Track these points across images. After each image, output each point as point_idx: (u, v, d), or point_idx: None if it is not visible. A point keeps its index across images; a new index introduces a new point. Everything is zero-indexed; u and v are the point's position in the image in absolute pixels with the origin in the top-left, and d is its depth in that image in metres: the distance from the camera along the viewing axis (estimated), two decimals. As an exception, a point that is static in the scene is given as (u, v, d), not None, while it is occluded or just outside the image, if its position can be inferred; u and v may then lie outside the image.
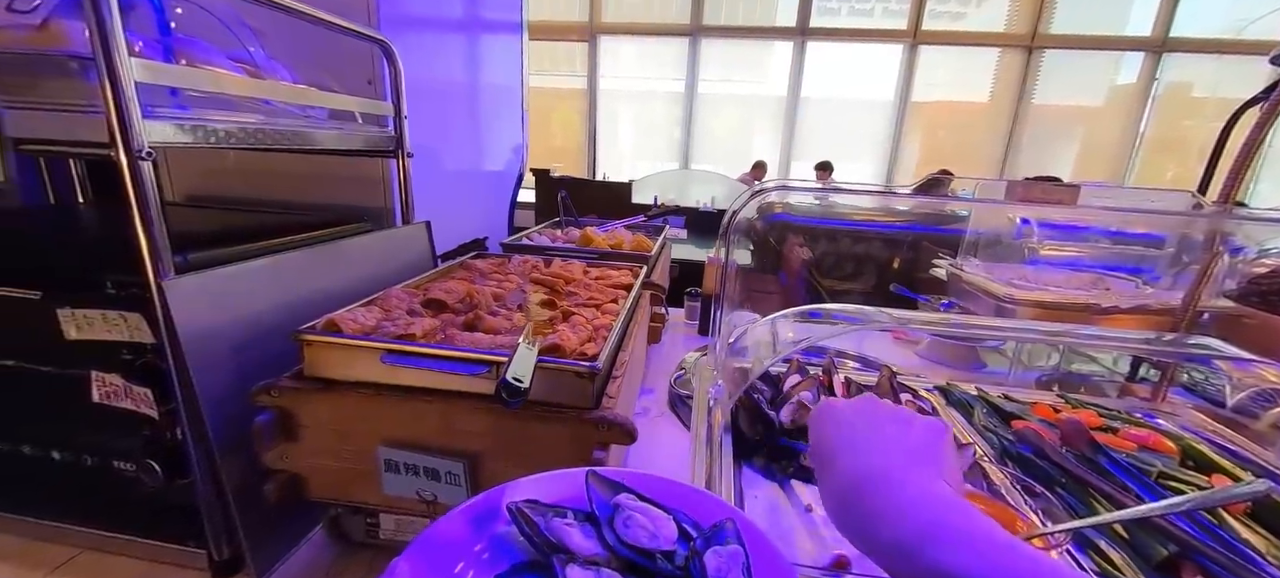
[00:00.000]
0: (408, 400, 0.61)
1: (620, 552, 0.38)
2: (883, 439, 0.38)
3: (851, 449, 0.38)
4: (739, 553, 0.38)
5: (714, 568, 0.36)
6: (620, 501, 0.42)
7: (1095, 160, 5.25)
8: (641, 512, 0.40)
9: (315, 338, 0.62)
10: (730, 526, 0.40)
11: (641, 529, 0.39)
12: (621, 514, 0.40)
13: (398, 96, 0.93)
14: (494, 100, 1.58)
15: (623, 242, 1.27)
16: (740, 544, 0.38)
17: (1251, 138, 0.77)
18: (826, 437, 0.41)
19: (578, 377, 0.60)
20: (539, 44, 5.31)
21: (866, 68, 5.19)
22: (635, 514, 0.40)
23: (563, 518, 0.40)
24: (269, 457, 0.64)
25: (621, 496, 0.42)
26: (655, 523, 0.40)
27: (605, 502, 0.42)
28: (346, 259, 0.86)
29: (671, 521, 0.40)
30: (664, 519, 0.40)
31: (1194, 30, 4.76)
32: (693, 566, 0.37)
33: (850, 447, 0.38)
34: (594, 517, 0.41)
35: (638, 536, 0.39)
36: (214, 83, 0.63)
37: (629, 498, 0.42)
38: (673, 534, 0.39)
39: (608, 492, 0.43)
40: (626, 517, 0.40)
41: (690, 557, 0.38)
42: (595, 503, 0.42)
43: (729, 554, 0.37)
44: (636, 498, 0.42)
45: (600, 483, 0.44)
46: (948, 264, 1.20)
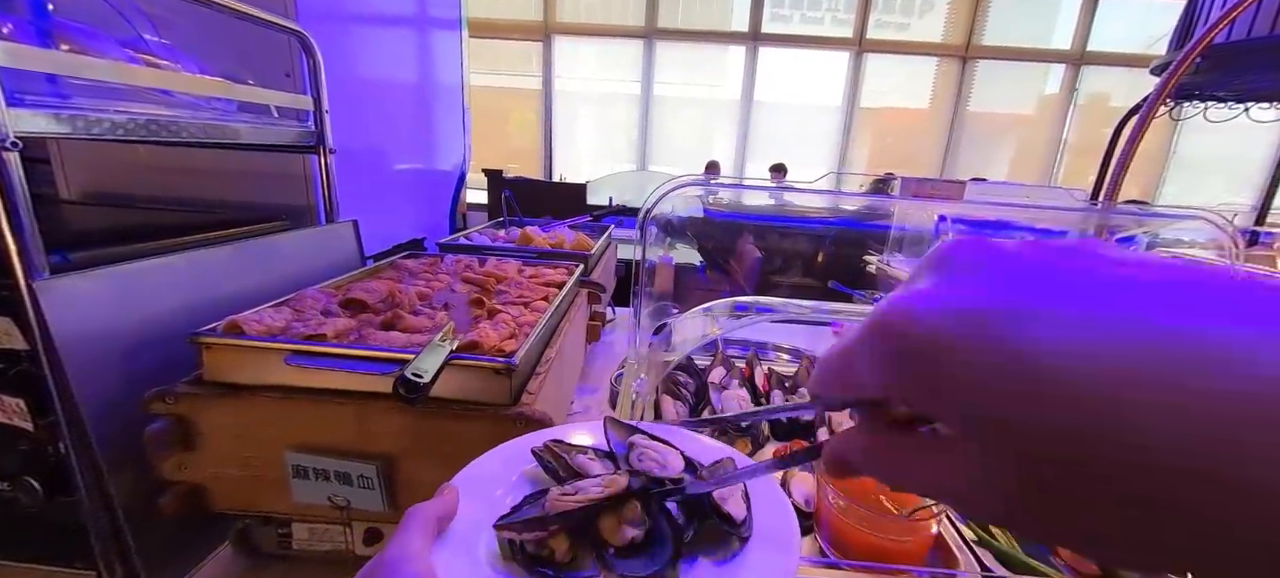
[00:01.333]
0: (318, 404, 0.59)
1: (639, 475, 0.42)
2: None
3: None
4: (739, 484, 0.42)
5: (718, 493, 0.41)
6: (635, 440, 0.46)
7: (1026, 164, 5.61)
8: (653, 448, 0.45)
9: (215, 341, 0.59)
10: (729, 463, 0.45)
11: (653, 461, 0.43)
12: (635, 450, 0.45)
13: (318, 90, 0.90)
14: (433, 99, 1.54)
15: (563, 241, 1.26)
16: (737, 478, 0.43)
17: (1130, 142, 0.85)
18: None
19: (495, 373, 0.59)
20: (494, 43, 5.23)
21: (816, 73, 5.37)
22: (647, 450, 0.45)
23: (584, 454, 0.45)
24: (165, 468, 0.60)
25: (635, 437, 0.47)
26: (664, 456, 0.44)
27: (621, 442, 0.47)
28: (261, 259, 0.83)
29: (679, 455, 0.45)
30: (672, 454, 0.45)
31: (1109, 44, 5.16)
32: (700, 487, 0.41)
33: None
34: (612, 454, 0.46)
35: (650, 466, 0.43)
36: (98, 70, 0.59)
37: (643, 438, 0.47)
38: (680, 466, 0.44)
39: (623, 434, 0.48)
40: (640, 452, 0.44)
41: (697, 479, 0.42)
42: (612, 443, 0.47)
43: (731, 483, 0.42)
44: (648, 438, 0.47)
45: (616, 427, 0.49)
46: (877, 260, 1.25)
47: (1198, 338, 0.13)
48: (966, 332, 0.15)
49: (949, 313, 0.16)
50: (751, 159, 5.53)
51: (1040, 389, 0.14)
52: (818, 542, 0.55)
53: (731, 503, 0.40)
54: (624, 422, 0.50)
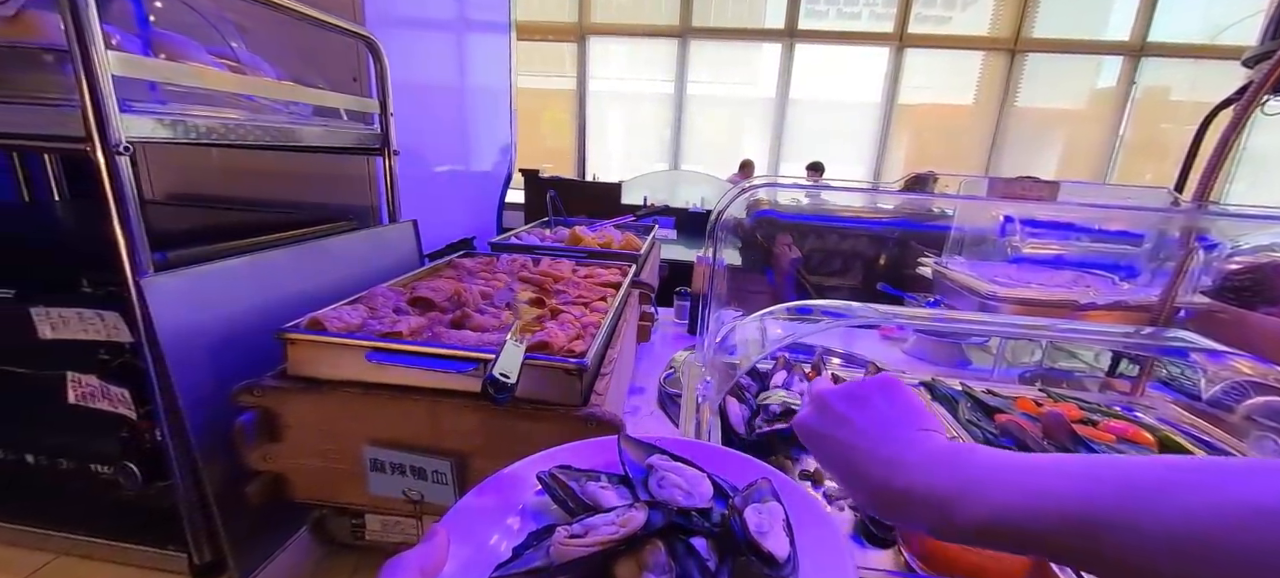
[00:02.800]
0: (394, 399, 0.61)
1: (662, 508, 0.37)
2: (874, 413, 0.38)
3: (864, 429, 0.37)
4: (779, 510, 0.37)
5: (755, 525, 0.35)
6: (654, 461, 0.41)
7: (1077, 162, 5.34)
8: (675, 471, 0.39)
9: (299, 336, 0.61)
10: (766, 484, 0.39)
11: (676, 488, 0.38)
12: (655, 475, 0.39)
13: (383, 94, 0.92)
14: (482, 100, 1.57)
15: (612, 241, 1.27)
16: (778, 501, 0.38)
17: (1224, 137, 0.79)
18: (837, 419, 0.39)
19: (566, 373, 0.60)
20: (529, 44, 5.29)
21: (854, 70, 5.24)
22: (669, 474, 0.39)
23: (596, 482, 0.40)
24: (252, 458, 0.63)
25: (654, 457, 0.42)
26: (690, 482, 0.39)
27: (638, 464, 0.41)
28: (331, 258, 0.85)
29: (706, 479, 0.40)
30: (698, 478, 0.39)
31: (1171, 35, 4.86)
32: (733, 523, 0.35)
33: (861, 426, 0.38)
34: (628, 480, 0.41)
35: (672, 494, 0.37)
36: (194, 77, 0.62)
37: (662, 459, 0.41)
38: (708, 492, 0.38)
39: (640, 455, 0.42)
40: (660, 477, 0.39)
41: (728, 514, 0.36)
42: (628, 466, 0.42)
43: (769, 511, 0.36)
44: (670, 458, 0.41)
45: (633, 446, 0.43)
46: (933, 262, 1.21)
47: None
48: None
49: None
50: (786, 158, 5.44)
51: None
52: (901, 555, 0.53)
53: (772, 538, 0.34)
54: (641, 440, 0.44)
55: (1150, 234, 1.01)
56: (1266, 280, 0.91)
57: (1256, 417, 0.66)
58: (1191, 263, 0.88)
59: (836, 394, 0.40)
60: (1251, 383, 0.64)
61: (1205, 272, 1.02)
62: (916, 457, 0.34)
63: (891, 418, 0.37)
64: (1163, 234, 1.04)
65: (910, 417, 0.37)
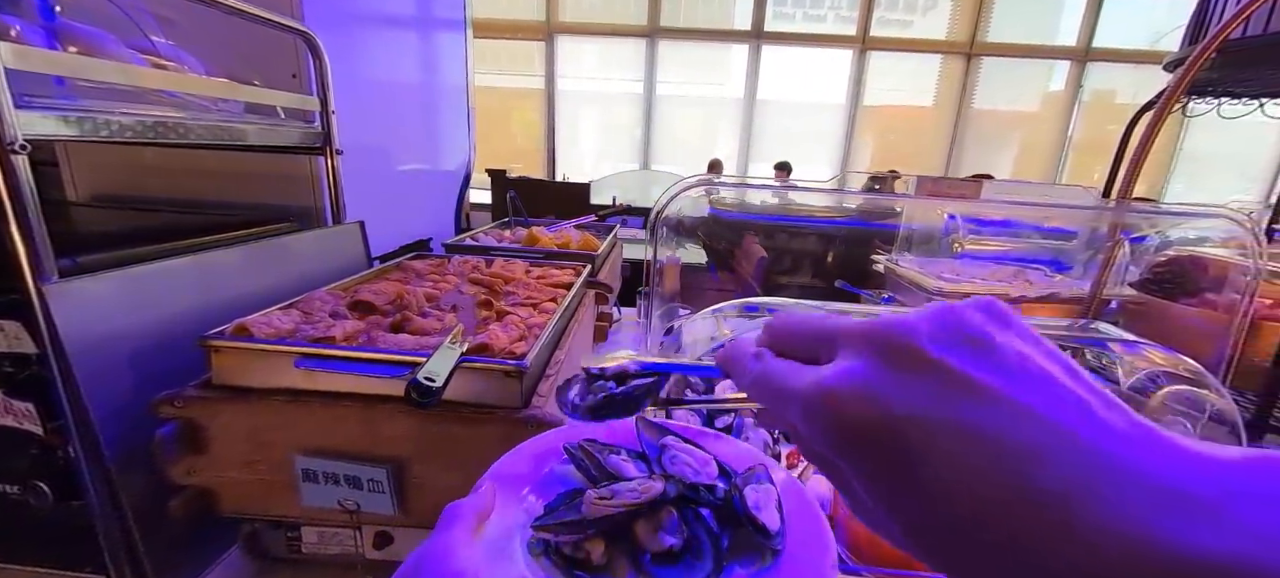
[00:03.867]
0: (326, 407, 0.59)
1: (674, 481, 0.41)
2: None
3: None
4: (773, 491, 0.42)
5: (753, 501, 0.40)
6: (667, 442, 0.45)
7: (1031, 162, 5.58)
8: (686, 452, 0.44)
9: (223, 344, 0.59)
10: (762, 469, 0.44)
11: (686, 466, 0.42)
12: (668, 453, 0.44)
13: (324, 91, 0.90)
14: (438, 99, 1.54)
15: (569, 241, 1.26)
16: (772, 484, 0.42)
17: (1144, 139, 0.84)
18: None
19: (506, 376, 0.59)
20: (496, 43, 5.22)
21: (820, 72, 5.35)
22: (680, 453, 0.44)
23: (617, 455, 0.44)
24: (175, 472, 0.60)
25: (668, 438, 0.46)
26: (699, 461, 0.43)
27: (653, 443, 0.46)
28: (269, 261, 0.82)
29: (712, 460, 0.44)
30: (705, 458, 0.44)
31: (1115, 41, 5.12)
32: (734, 499, 0.40)
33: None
34: (645, 455, 0.45)
35: (683, 470, 0.42)
36: (105, 72, 0.58)
37: (675, 440, 0.46)
38: (714, 471, 0.43)
39: (655, 435, 0.47)
40: (672, 455, 0.43)
41: (731, 491, 0.41)
42: (644, 444, 0.46)
43: (764, 491, 0.41)
44: (681, 441, 0.46)
45: (648, 427, 0.48)
46: (885, 260, 1.24)
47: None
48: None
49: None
50: (755, 158, 5.51)
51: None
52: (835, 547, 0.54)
53: (766, 513, 0.40)
54: (655, 422, 0.49)
55: (1083, 231, 1.06)
56: (1185, 273, 0.96)
57: (1170, 403, 0.70)
58: (1118, 257, 0.92)
59: (924, 330, 0.20)
60: (1164, 372, 0.67)
61: (1134, 265, 1.08)
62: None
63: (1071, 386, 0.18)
64: (1094, 230, 1.09)
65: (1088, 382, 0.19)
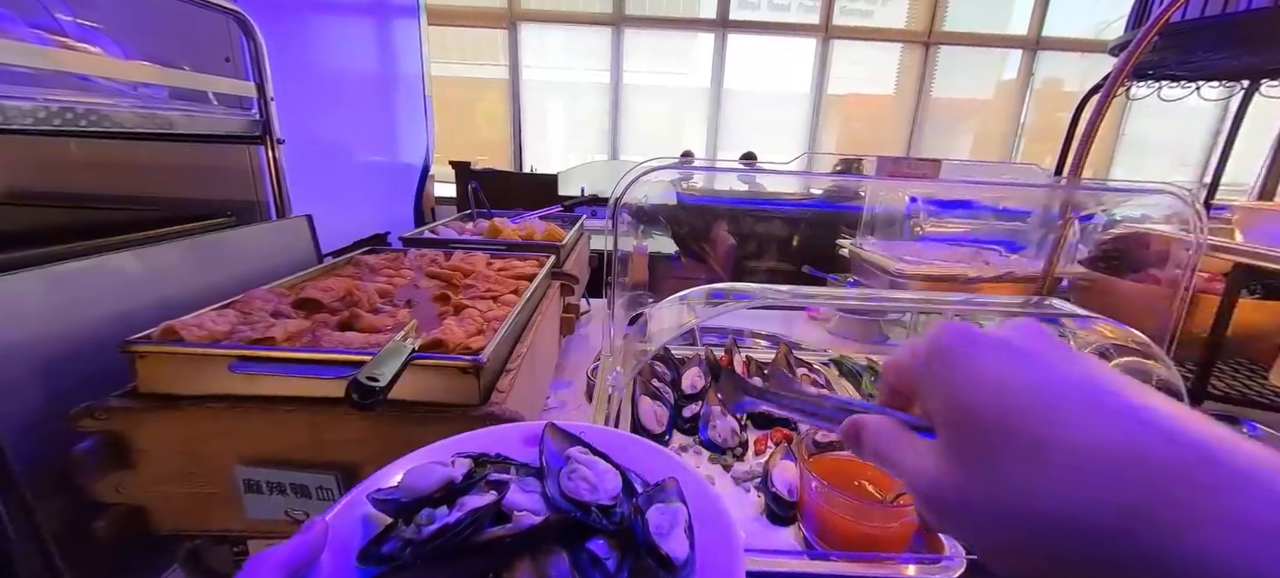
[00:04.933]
0: (267, 412, 0.55)
1: (556, 504, 0.36)
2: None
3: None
4: (682, 511, 0.37)
5: (655, 525, 0.35)
6: (572, 453, 0.41)
7: (987, 148, 5.78)
8: (588, 465, 0.39)
9: (149, 349, 0.54)
10: (672, 484, 0.39)
11: (583, 482, 0.37)
12: (568, 466, 0.39)
13: (261, 75, 0.84)
14: (392, 88, 1.47)
15: (534, 232, 1.22)
16: (683, 503, 0.38)
17: (1091, 120, 0.86)
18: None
19: (461, 372, 0.56)
20: (458, 31, 5.06)
21: (785, 60, 5.39)
22: (581, 466, 0.39)
23: (505, 473, 0.39)
24: (100, 489, 0.55)
25: (574, 449, 0.41)
26: (599, 477, 0.38)
27: (558, 455, 0.41)
28: (205, 259, 0.77)
29: (618, 475, 0.39)
30: (610, 474, 0.39)
31: (1063, 30, 5.33)
32: (634, 523, 0.35)
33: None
34: (542, 470, 0.40)
35: (577, 488, 0.37)
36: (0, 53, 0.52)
37: (581, 451, 0.41)
38: (615, 489, 0.38)
39: (562, 444, 0.42)
40: (572, 469, 0.38)
41: (632, 513, 0.36)
42: (548, 455, 0.41)
43: (672, 512, 0.36)
44: (590, 452, 0.41)
45: (557, 436, 0.43)
46: (849, 243, 1.26)
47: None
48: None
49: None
50: (723, 147, 5.53)
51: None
52: (802, 532, 0.54)
53: (672, 539, 0.34)
54: (568, 430, 0.44)
55: (1036, 211, 1.10)
56: (1131, 250, 1.00)
57: (1119, 374, 0.73)
58: (1069, 236, 0.95)
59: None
60: (1114, 344, 0.70)
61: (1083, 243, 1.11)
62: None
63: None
64: (1047, 210, 1.12)
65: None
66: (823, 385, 0.77)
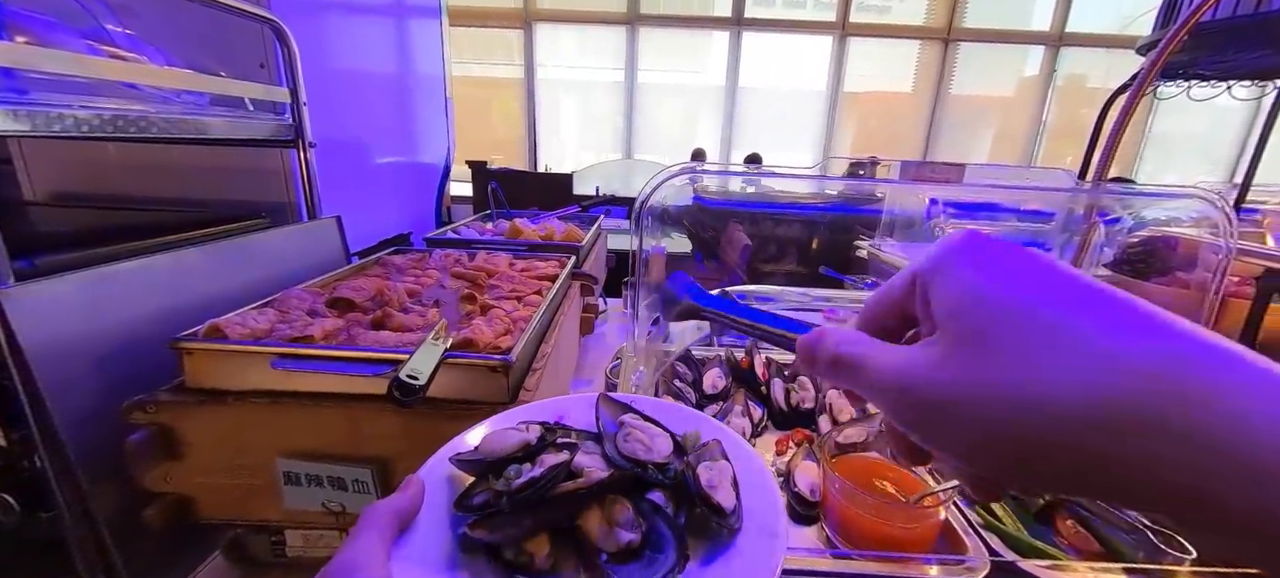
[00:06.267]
0: (306, 408, 0.57)
1: (618, 462, 0.40)
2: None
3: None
4: (728, 467, 0.41)
5: (706, 480, 0.38)
6: (625, 419, 0.45)
7: (1007, 146, 5.67)
8: (642, 429, 0.43)
9: (196, 346, 0.57)
10: (716, 445, 0.43)
11: (639, 443, 0.41)
12: (623, 432, 0.43)
13: (294, 81, 0.86)
14: (414, 89, 1.50)
15: (553, 233, 1.24)
16: (728, 461, 0.42)
17: (1118, 121, 0.85)
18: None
19: (491, 371, 0.58)
20: (474, 31, 5.11)
21: (800, 58, 5.34)
22: (635, 430, 0.43)
23: (569, 437, 0.44)
24: (149, 479, 0.58)
25: (627, 416, 0.46)
26: (652, 439, 0.42)
27: (612, 421, 0.45)
28: (242, 259, 0.80)
29: (668, 438, 0.43)
30: (661, 436, 0.43)
31: (1087, 25, 5.21)
32: (687, 477, 0.39)
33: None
34: (599, 435, 0.44)
35: (634, 449, 0.41)
36: (58, 63, 0.55)
37: (633, 417, 0.45)
38: (667, 449, 0.42)
39: (615, 412, 0.46)
40: (627, 433, 0.42)
41: (684, 469, 0.40)
42: (603, 421, 0.45)
43: (719, 469, 0.40)
44: (641, 417, 0.45)
45: (610, 405, 0.47)
46: (867, 245, 1.25)
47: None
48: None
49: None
50: (737, 146, 5.51)
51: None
52: (825, 531, 0.55)
53: (721, 492, 0.38)
54: (618, 399, 0.48)
55: (1059, 212, 1.08)
56: (1157, 253, 0.99)
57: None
58: (1093, 238, 0.94)
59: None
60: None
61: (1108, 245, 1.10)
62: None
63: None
64: (1070, 212, 1.11)
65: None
66: (843, 387, 0.77)
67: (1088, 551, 0.51)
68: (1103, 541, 0.52)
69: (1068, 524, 0.53)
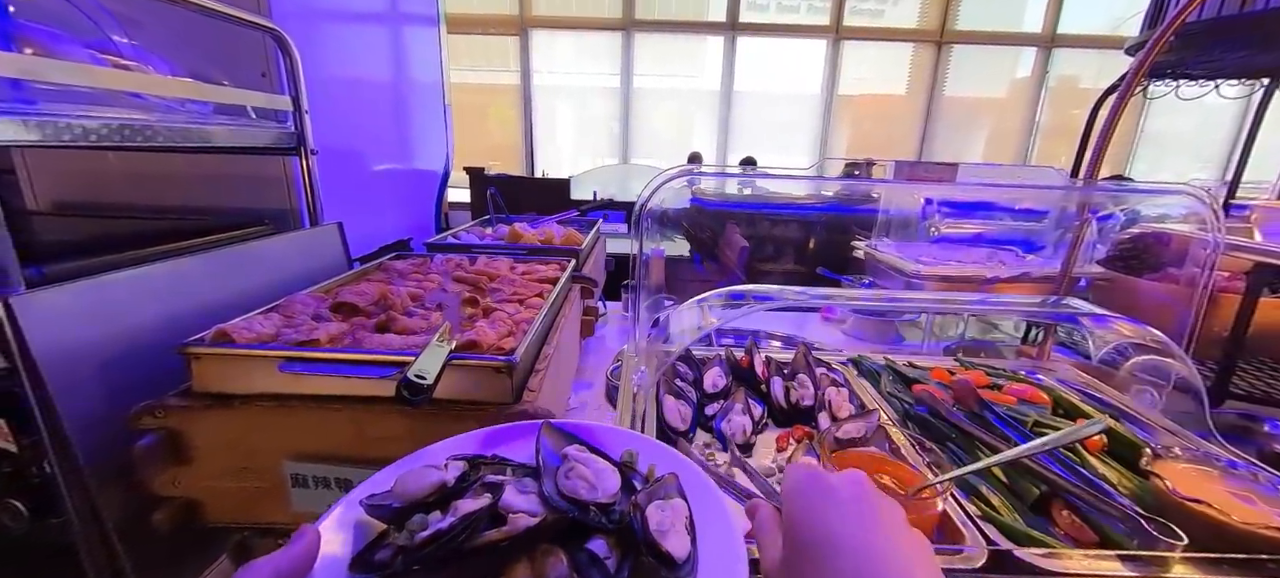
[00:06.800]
0: (312, 411, 0.58)
1: (554, 503, 0.35)
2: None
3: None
4: (682, 507, 0.36)
5: (656, 523, 0.34)
6: (569, 451, 0.40)
7: (1001, 147, 5.71)
8: (587, 463, 0.38)
9: (204, 350, 0.58)
10: (672, 480, 0.38)
11: (581, 480, 0.37)
12: (565, 466, 0.38)
13: (296, 89, 0.87)
14: (413, 96, 1.51)
15: (552, 237, 1.25)
16: (684, 499, 0.37)
17: (1108, 120, 0.87)
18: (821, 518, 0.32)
19: (495, 372, 0.59)
20: (469, 38, 5.13)
21: (795, 62, 5.38)
22: (578, 465, 0.38)
23: (501, 474, 0.39)
24: (158, 483, 0.58)
25: (571, 448, 0.40)
26: (598, 475, 0.37)
27: (554, 454, 0.40)
28: (246, 265, 0.80)
29: (616, 473, 0.38)
30: (609, 472, 0.38)
31: (1078, 27, 5.26)
32: (633, 520, 0.34)
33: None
34: (538, 470, 0.39)
35: (575, 487, 0.36)
36: (65, 73, 0.56)
37: (578, 449, 0.40)
38: (614, 487, 0.37)
39: (560, 444, 0.41)
40: (568, 468, 0.38)
41: (630, 511, 0.35)
42: (545, 454, 0.40)
43: (672, 509, 0.35)
44: (588, 450, 0.40)
45: (553, 435, 0.42)
46: (864, 245, 1.27)
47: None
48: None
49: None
50: (733, 149, 5.54)
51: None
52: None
53: (672, 538, 0.33)
54: (564, 427, 0.44)
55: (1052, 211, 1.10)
56: (1149, 250, 1.01)
57: (1137, 373, 0.73)
58: (1086, 236, 0.96)
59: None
60: (1132, 343, 0.70)
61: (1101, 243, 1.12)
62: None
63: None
64: (1063, 210, 1.13)
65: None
66: (842, 384, 0.78)
67: (1084, 540, 0.52)
68: (1098, 530, 0.53)
69: (1064, 515, 0.54)
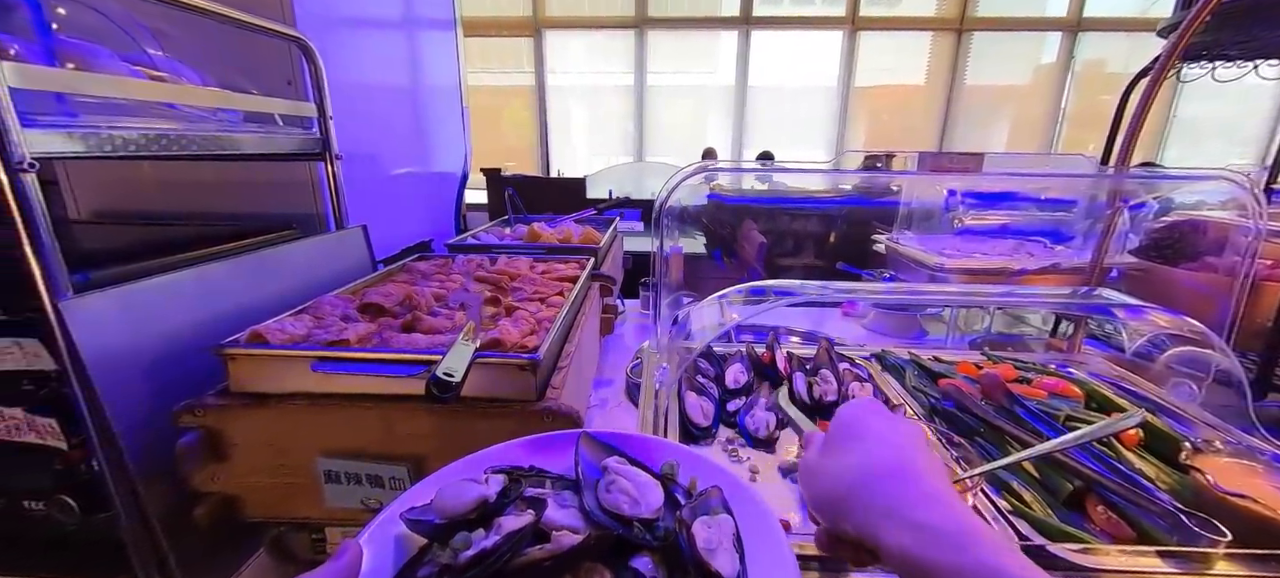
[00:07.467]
0: (344, 409, 0.60)
1: (597, 518, 0.34)
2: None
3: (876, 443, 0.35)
4: (729, 522, 0.35)
5: (703, 540, 0.32)
6: (609, 464, 0.39)
7: (1024, 136, 5.57)
8: (628, 476, 0.37)
9: (240, 351, 0.60)
10: (716, 493, 0.37)
11: (623, 495, 0.35)
12: (606, 478, 0.37)
13: (321, 96, 0.89)
14: (431, 99, 1.54)
15: (570, 236, 1.26)
16: (729, 513, 0.36)
17: (1140, 106, 0.84)
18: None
19: (519, 369, 0.59)
20: (484, 40, 5.18)
21: (810, 55, 5.32)
22: (620, 478, 0.36)
23: (541, 487, 0.38)
24: (198, 480, 0.61)
25: (611, 459, 0.39)
26: (640, 489, 0.36)
27: (594, 466, 0.39)
28: (275, 269, 0.83)
29: (659, 487, 0.37)
30: (651, 485, 0.37)
31: (1105, 10, 5.10)
32: (680, 538, 0.33)
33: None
34: (578, 483, 0.38)
35: (618, 501, 0.35)
36: (105, 87, 0.58)
37: (618, 461, 0.39)
38: (657, 502, 0.36)
39: (599, 455, 0.40)
40: (610, 481, 0.37)
41: (677, 528, 0.34)
42: (584, 466, 0.39)
43: (719, 523, 0.34)
44: (627, 461, 0.39)
45: (592, 446, 0.41)
46: (885, 238, 1.25)
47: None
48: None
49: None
50: (748, 145, 5.50)
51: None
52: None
53: (721, 556, 0.32)
54: (603, 437, 0.42)
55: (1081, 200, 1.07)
56: (1185, 239, 0.97)
57: (1174, 365, 0.71)
58: (1117, 225, 0.93)
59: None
60: (1169, 334, 0.68)
61: (1133, 232, 1.08)
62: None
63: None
64: (1093, 199, 1.10)
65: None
66: (866, 379, 0.77)
67: (1121, 536, 0.51)
68: (1135, 525, 0.51)
69: (1099, 510, 0.53)
